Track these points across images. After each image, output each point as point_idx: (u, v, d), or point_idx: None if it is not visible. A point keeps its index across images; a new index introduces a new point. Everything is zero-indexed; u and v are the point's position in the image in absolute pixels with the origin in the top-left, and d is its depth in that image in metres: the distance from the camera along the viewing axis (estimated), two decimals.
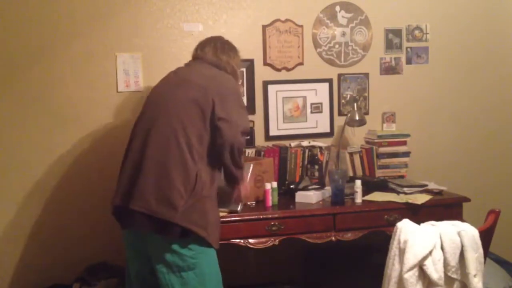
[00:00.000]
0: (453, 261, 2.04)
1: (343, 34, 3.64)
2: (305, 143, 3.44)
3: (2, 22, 3.12)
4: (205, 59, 2.68)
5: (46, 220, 3.24)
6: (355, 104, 3.53)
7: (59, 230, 3.27)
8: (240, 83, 3.19)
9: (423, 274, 2.04)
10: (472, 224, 2.18)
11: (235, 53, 2.78)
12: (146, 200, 2.30)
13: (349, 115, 3.52)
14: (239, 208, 2.82)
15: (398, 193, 3.18)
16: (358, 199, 3.04)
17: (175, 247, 2.32)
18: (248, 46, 3.48)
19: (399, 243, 2.08)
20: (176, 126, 2.37)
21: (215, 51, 2.70)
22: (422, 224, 2.16)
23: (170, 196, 2.28)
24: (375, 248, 3.01)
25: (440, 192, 3.19)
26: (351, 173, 3.45)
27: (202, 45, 2.76)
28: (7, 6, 3.11)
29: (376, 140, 3.53)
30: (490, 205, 2.38)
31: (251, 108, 3.49)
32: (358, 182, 3.05)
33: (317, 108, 3.63)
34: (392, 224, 2.34)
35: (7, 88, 3.14)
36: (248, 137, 3.13)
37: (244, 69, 3.47)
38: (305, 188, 3.17)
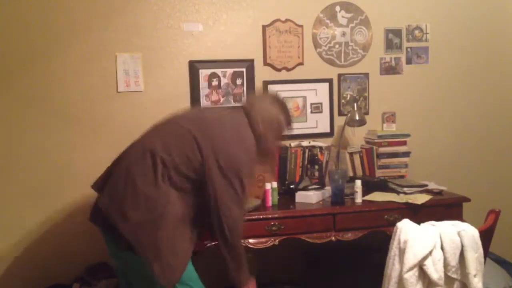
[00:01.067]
0: (453, 261, 2.04)
1: (343, 34, 3.64)
2: (305, 143, 3.44)
3: (2, 22, 3.11)
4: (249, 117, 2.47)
5: (46, 220, 3.24)
6: (355, 104, 3.53)
7: (59, 230, 3.26)
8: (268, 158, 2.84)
9: (423, 274, 2.04)
10: (472, 224, 2.18)
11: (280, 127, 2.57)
12: (106, 200, 2.29)
13: (349, 115, 3.52)
14: None
15: (398, 193, 3.18)
16: (358, 199, 3.05)
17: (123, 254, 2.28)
18: (248, 46, 3.48)
19: (399, 243, 2.08)
20: (161, 142, 2.31)
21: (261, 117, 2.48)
22: (422, 224, 2.16)
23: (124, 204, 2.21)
24: (375, 248, 3.01)
25: (440, 192, 3.19)
26: (351, 173, 3.45)
27: (256, 100, 2.61)
28: (7, 6, 3.11)
29: (376, 140, 3.53)
30: (490, 205, 2.38)
31: None
32: (358, 182, 3.05)
33: (317, 108, 3.63)
34: (392, 224, 2.34)
35: (7, 88, 3.14)
36: (244, 219, 2.50)
37: (244, 69, 3.47)
38: (305, 188, 3.18)
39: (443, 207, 3.07)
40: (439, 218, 2.29)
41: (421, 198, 3.05)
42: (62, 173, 3.25)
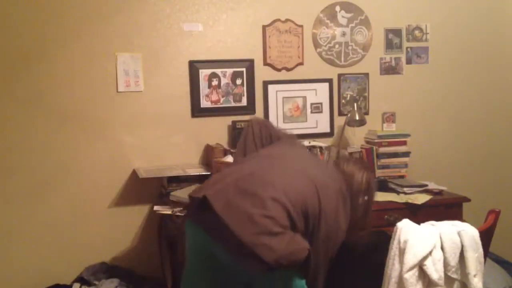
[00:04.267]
0: (453, 261, 2.04)
1: (343, 34, 3.64)
2: (305, 143, 3.44)
3: (2, 22, 3.11)
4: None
5: (46, 220, 3.24)
6: (355, 104, 3.53)
7: (59, 230, 3.26)
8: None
9: (423, 274, 2.04)
10: (472, 224, 2.18)
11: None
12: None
13: (349, 115, 3.52)
14: None
15: (398, 193, 3.18)
16: None
17: None
18: (248, 46, 3.48)
19: (399, 243, 2.08)
20: None
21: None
22: (422, 224, 2.16)
23: None
24: (375, 248, 3.01)
25: (440, 192, 3.19)
26: None
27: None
28: (7, 6, 3.11)
29: (376, 140, 3.53)
30: (490, 205, 2.38)
31: (251, 108, 3.50)
32: None
33: (317, 108, 3.63)
34: (392, 224, 2.33)
35: (7, 88, 3.14)
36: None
37: (244, 69, 3.47)
38: None
39: (443, 207, 3.07)
40: (439, 218, 2.29)
41: (421, 198, 3.06)
42: (62, 173, 3.25)
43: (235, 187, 2.06)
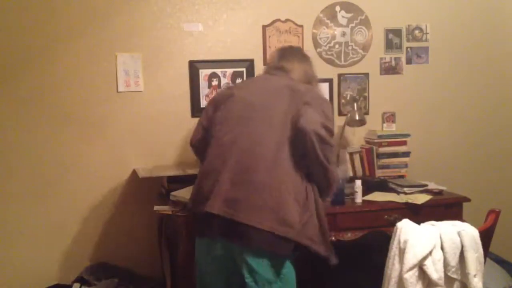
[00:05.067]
0: (453, 261, 2.04)
1: (343, 34, 3.64)
2: None
3: (2, 22, 3.11)
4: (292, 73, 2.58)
5: (46, 220, 3.24)
6: (355, 104, 3.53)
7: (59, 230, 3.26)
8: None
9: (423, 274, 2.04)
10: (472, 224, 2.18)
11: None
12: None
13: (349, 115, 3.52)
14: None
15: (398, 193, 3.18)
16: (358, 199, 3.04)
17: None
18: (248, 46, 3.48)
19: (399, 243, 2.08)
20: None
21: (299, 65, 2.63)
22: (422, 224, 2.16)
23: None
24: (375, 248, 3.01)
25: (440, 192, 3.18)
26: (351, 173, 3.45)
27: (284, 56, 2.67)
28: (7, 6, 3.11)
29: (376, 140, 3.53)
30: (490, 205, 2.38)
31: None
32: (358, 182, 3.05)
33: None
34: (392, 224, 2.34)
35: (7, 88, 3.14)
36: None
37: (244, 69, 3.47)
38: None
39: (443, 207, 3.06)
40: (439, 218, 2.29)
41: (421, 198, 3.05)
42: (62, 173, 3.25)
43: (230, 184, 2.22)
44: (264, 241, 2.16)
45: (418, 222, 2.18)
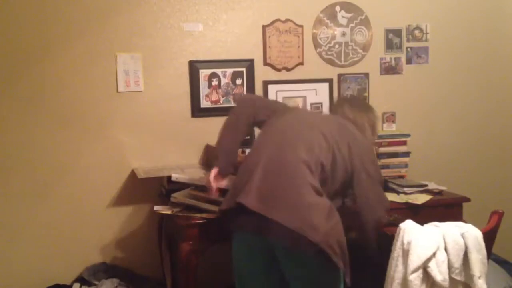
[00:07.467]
0: (457, 262, 2.04)
1: (343, 34, 3.64)
2: None
3: (2, 22, 3.10)
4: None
5: (46, 220, 3.23)
6: None
7: (59, 230, 3.26)
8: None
9: (427, 276, 2.04)
10: (473, 224, 2.18)
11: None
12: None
13: None
14: None
15: (398, 193, 3.18)
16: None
17: None
18: (248, 46, 3.48)
19: (402, 244, 2.08)
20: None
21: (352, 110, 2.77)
22: (425, 225, 2.16)
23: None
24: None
25: (440, 192, 3.19)
26: None
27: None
28: (7, 6, 3.10)
29: (376, 140, 3.52)
30: (490, 205, 2.39)
31: None
32: None
33: (317, 108, 3.63)
34: (392, 224, 2.34)
35: (7, 88, 3.12)
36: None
37: (244, 69, 3.47)
38: None
39: (443, 207, 3.07)
40: (439, 218, 2.29)
41: (421, 198, 3.06)
42: (62, 173, 3.24)
43: (264, 180, 2.26)
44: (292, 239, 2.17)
45: (418, 222, 2.18)
